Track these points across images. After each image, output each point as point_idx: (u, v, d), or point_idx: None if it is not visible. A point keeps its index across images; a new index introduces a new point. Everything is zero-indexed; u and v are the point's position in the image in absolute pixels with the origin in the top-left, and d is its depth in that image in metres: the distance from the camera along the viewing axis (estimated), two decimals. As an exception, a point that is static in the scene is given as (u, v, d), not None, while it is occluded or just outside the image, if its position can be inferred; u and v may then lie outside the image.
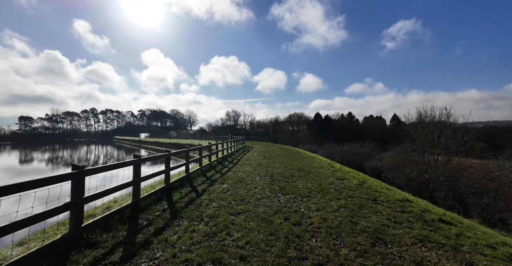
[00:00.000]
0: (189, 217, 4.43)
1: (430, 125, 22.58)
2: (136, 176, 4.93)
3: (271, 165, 11.88)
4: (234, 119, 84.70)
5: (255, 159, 14.38)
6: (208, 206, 5.15)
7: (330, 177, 8.90)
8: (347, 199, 5.88)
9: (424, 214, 5.09)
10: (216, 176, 8.89)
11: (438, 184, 17.78)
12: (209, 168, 10.59)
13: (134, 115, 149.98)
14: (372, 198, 6.12)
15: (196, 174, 8.89)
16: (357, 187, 7.29)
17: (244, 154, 17.63)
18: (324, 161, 15.15)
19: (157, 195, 5.77)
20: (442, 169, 19.27)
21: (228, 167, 11.20)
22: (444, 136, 21.12)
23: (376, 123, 73.57)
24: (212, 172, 9.73)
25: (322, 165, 12.38)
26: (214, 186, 7.11)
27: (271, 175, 9.00)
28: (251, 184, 7.39)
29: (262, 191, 6.53)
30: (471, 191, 15.22)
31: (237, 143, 22.75)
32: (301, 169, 10.44)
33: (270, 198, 5.89)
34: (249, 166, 11.53)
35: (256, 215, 4.59)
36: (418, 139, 22.87)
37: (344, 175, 9.48)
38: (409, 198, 6.65)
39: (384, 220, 4.52)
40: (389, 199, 6.13)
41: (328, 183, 7.77)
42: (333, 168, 11.18)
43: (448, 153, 20.61)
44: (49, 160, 37.94)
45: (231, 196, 5.93)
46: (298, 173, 9.47)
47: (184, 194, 6.11)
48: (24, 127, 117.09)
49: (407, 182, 20.53)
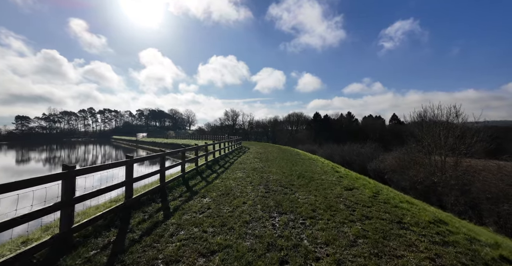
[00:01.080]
0: (135, 264, 2.96)
1: (437, 125, 21.27)
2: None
3: (267, 169, 10.42)
4: (232, 119, 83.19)
5: (250, 162, 12.90)
6: (173, 237, 3.65)
7: (337, 185, 7.43)
8: (364, 222, 4.42)
9: (474, 247, 3.64)
10: (200, 185, 7.40)
11: (448, 188, 16.41)
12: (195, 174, 9.11)
13: (132, 115, 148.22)
14: (395, 219, 4.66)
15: (175, 182, 7.41)
16: (372, 201, 5.82)
17: (239, 156, 16.16)
18: (326, 164, 13.70)
19: (107, 219, 4.26)
20: (452, 171, 17.91)
21: (217, 172, 9.72)
22: (452, 136, 19.77)
23: (375, 123, 73.15)
24: (196, 179, 8.25)
25: (325, 169, 10.92)
26: (193, 201, 5.62)
27: (266, 184, 7.53)
28: (239, 197, 5.92)
29: (252, 208, 5.06)
30: (486, 196, 13.86)
31: (232, 143, 21.25)
32: (302, 175, 8.97)
33: (261, 220, 4.43)
34: (242, 171, 10.06)
35: (239, 255, 3.11)
36: (424, 139, 21.52)
37: (352, 182, 8.02)
38: (441, 217, 5.18)
39: (426, 264, 3.06)
40: (417, 219, 4.67)
41: (335, 195, 6.31)
42: (338, 173, 9.73)
43: (457, 154, 19.24)
44: (45, 160, 37.32)
45: (209, 218, 4.44)
46: (299, 181, 7.99)
47: (147, 215, 4.62)
48: (21, 127, 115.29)
49: (412, 184, 19.20)
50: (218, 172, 9.80)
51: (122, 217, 4.42)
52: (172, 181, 7.27)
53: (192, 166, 9.96)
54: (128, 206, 4.83)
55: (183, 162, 8.20)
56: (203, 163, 10.82)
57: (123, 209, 4.68)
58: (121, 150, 55.93)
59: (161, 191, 6.29)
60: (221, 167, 11.13)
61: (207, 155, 11.29)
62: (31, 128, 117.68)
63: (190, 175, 8.78)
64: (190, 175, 8.78)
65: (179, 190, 6.67)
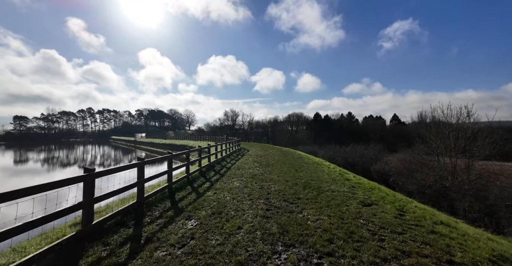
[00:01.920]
0: None
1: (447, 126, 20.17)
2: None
3: (268, 176, 9.20)
4: (232, 119, 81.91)
5: (249, 167, 11.69)
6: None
7: (351, 199, 6.23)
8: (403, 262, 3.21)
9: None
10: (189, 198, 6.19)
11: (461, 193, 15.25)
12: (185, 183, 7.89)
13: (131, 115, 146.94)
14: (442, 255, 3.44)
15: (159, 196, 6.19)
16: (401, 224, 4.62)
17: (237, 159, 14.95)
18: (332, 168, 12.50)
19: (45, 260, 3.03)
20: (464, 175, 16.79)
21: (211, 180, 8.51)
22: (463, 137, 18.62)
23: (376, 124, 72.80)
24: (185, 190, 7.04)
25: (333, 176, 9.71)
26: (174, 225, 4.41)
27: (267, 197, 6.31)
28: (234, 218, 4.71)
29: (250, 238, 3.85)
30: (505, 204, 12.72)
31: (231, 145, 20.02)
32: (308, 184, 7.76)
33: (262, 259, 3.22)
34: (239, 178, 8.85)
35: None
36: (432, 140, 20.40)
37: (368, 194, 6.81)
38: (502, 250, 3.98)
39: None
40: (471, 256, 3.46)
41: (352, 214, 5.09)
42: (349, 182, 8.52)
43: (468, 157, 18.09)
44: (44, 160, 36.74)
45: (190, 258, 3.21)
46: (305, 192, 6.78)
47: (107, 252, 3.38)
48: (19, 127, 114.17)
49: (420, 188, 18.06)
50: (212, 180, 8.58)
51: (67, 256, 3.19)
52: (156, 194, 6.07)
53: (184, 173, 8.76)
54: (84, 235, 3.62)
55: (170, 170, 7.00)
56: (196, 169, 9.61)
57: (76, 241, 3.47)
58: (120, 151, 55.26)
59: (138, 210, 5.07)
60: (216, 173, 9.93)
61: (201, 160, 10.09)
62: (29, 129, 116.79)
63: (179, 184, 7.57)
64: (179, 184, 7.57)
65: (161, 207, 5.46)
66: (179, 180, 7.69)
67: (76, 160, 38.39)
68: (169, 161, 7.12)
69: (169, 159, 7.12)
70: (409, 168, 21.70)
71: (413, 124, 69.38)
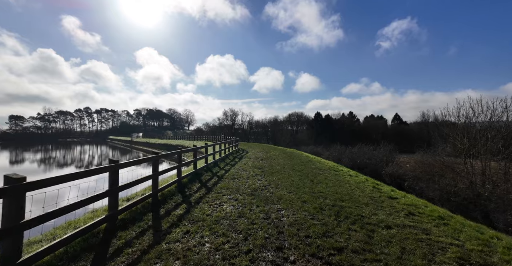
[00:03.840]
0: None
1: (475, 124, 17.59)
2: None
3: (275, 193, 6.39)
4: (231, 119, 79.03)
5: (248, 176, 8.88)
6: None
7: (433, 246, 3.44)
8: None
9: None
10: (140, 244, 3.40)
11: (504, 204, 12.47)
12: (146, 207, 5.08)
13: (130, 115, 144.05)
14: None
15: (81, 245, 3.40)
16: None
17: (234, 164, 12.12)
18: (356, 177, 9.67)
19: None
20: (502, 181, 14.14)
21: (190, 201, 5.67)
22: (498, 137, 15.91)
23: (378, 123, 71.07)
24: (144, 220, 4.24)
25: (367, 191, 6.88)
26: None
27: (279, 242, 3.52)
28: None
29: None
30: None
31: (227, 145, 17.14)
32: (341, 211, 4.92)
33: None
34: (233, 196, 6.04)
35: None
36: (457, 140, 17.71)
37: (450, 230, 4.02)
38: None
39: None
40: None
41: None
42: (397, 203, 5.70)
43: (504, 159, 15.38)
44: (40, 161, 35.41)
45: None
46: (342, 229, 3.97)
47: None
48: (15, 127, 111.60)
49: (444, 195, 15.31)
50: (192, 200, 5.75)
51: None
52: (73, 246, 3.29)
53: (150, 189, 5.89)
54: None
55: (111, 190, 4.19)
56: (174, 181, 6.74)
57: None
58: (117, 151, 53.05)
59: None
60: (202, 187, 7.11)
61: (180, 167, 7.23)
62: (26, 128, 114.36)
63: (134, 212, 4.76)
64: (134, 212, 4.76)
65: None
66: (137, 202, 4.85)
67: (73, 160, 36.56)
68: (111, 171, 4.30)
69: (113, 170, 4.31)
70: (428, 171, 19.08)
71: (415, 124, 67.52)
